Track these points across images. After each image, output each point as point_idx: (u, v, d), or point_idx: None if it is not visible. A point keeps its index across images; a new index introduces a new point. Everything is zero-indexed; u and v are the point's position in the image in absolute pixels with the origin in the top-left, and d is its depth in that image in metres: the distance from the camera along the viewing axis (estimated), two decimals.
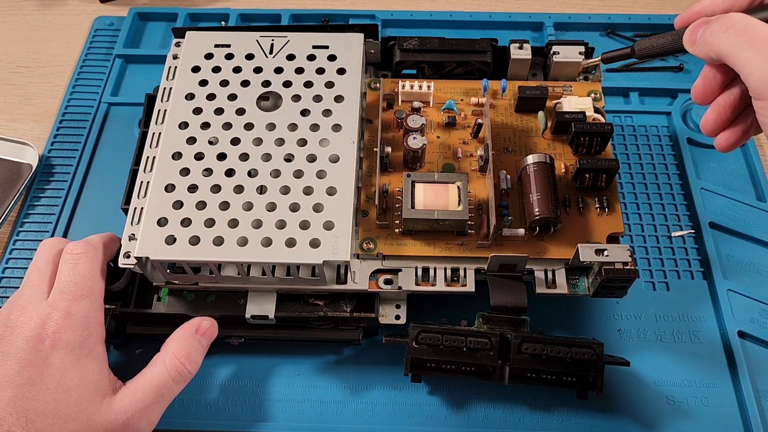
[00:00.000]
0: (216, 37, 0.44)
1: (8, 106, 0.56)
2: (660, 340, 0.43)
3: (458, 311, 0.39)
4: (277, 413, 0.41)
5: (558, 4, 0.62)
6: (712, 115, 0.34)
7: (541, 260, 0.38)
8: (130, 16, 0.59)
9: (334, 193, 0.37)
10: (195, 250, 0.35)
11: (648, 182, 0.50)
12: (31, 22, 0.61)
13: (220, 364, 0.42)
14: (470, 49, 0.44)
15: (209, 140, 0.39)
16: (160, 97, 0.42)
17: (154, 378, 0.36)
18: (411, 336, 0.36)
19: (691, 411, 0.41)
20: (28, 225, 0.49)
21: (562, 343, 0.36)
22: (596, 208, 0.39)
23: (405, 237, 0.39)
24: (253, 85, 0.41)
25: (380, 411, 0.41)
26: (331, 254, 0.35)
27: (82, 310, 0.35)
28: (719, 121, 0.34)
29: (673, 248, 0.47)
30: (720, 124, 0.34)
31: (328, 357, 0.43)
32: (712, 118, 0.34)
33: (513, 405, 0.41)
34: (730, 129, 0.34)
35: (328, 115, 0.40)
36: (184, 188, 0.38)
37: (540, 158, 0.39)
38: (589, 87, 0.44)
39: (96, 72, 0.56)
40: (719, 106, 0.34)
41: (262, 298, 0.39)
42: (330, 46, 0.43)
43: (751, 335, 0.43)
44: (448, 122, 0.43)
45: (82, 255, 0.37)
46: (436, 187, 0.38)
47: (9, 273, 0.47)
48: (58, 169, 0.51)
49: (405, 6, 0.61)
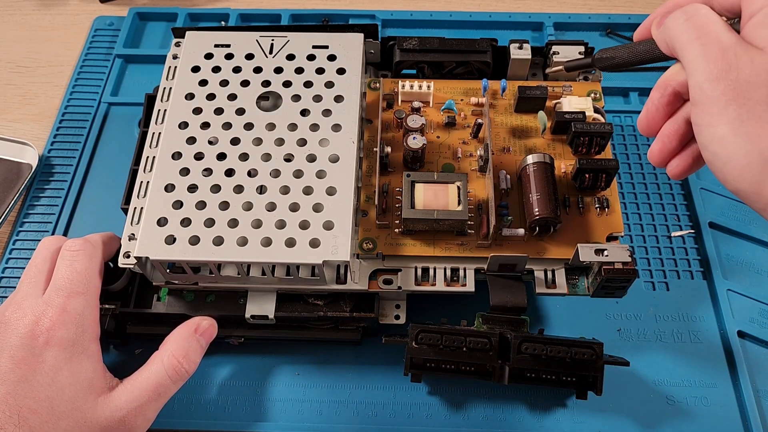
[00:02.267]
0: (216, 37, 0.44)
1: (8, 106, 0.56)
2: (660, 340, 0.43)
3: (458, 311, 0.39)
4: (277, 413, 0.41)
5: (558, 4, 0.62)
6: (657, 145, 0.32)
7: (541, 260, 0.38)
8: (130, 16, 0.59)
9: (333, 193, 0.37)
10: (195, 250, 0.35)
11: (648, 182, 0.50)
12: (31, 22, 0.61)
13: (219, 364, 0.42)
14: (470, 49, 0.44)
15: (209, 140, 0.39)
16: (160, 97, 0.42)
17: (151, 376, 0.36)
18: (411, 336, 0.36)
19: (691, 411, 0.41)
20: (28, 225, 0.49)
21: (561, 343, 0.36)
22: (596, 208, 0.39)
23: (405, 237, 0.39)
24: (252, 85, 0.41)
25: (380, 411, 0.41)
26: (330, 254, 0.35)
27: (76, 308, 0.35)
28: (665, 151, 0.32)
29: (672, 248, 0.47)
30: (666, 154, 0.32)
31: (328, 357, 0.43)
32: (657, 148, 0.32)
33: (513, 405, 0.41)
34: (680, 156, 0.32)
35: (327, 115, 0.40)
36: (184, 188, 0.38)
37: (540, 158, 0.39)
38: (589, 87, 0.44)
39: (96, 72, 0.56)
40: (664, 136, 0.32)
41: (261, 298, 0.39)
42: (330, 46, 0.43)
43: (750, 335, 0.43)
44: (448, 122, 0.43)
45: (79, 252, 0.37)
46: (436, 187, 0.38)
47: (9, 273, 0.47)
48: (58, 169, 0.51)
49: (405, 6, 0.61)
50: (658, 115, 0.31)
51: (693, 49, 0.27)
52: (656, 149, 0.32)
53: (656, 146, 0.32)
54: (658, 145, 0.32)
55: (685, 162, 0.32)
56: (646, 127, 0.32)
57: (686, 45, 0.28)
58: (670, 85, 0.31)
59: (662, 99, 0.31)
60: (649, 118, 0.32)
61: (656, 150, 0.32)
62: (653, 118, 0.32)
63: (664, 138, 0.32)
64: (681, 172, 0.32)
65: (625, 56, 0.34)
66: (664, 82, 0.31)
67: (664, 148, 0.32)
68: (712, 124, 0.27)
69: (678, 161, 0.32)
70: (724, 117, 0.26)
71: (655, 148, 0.32)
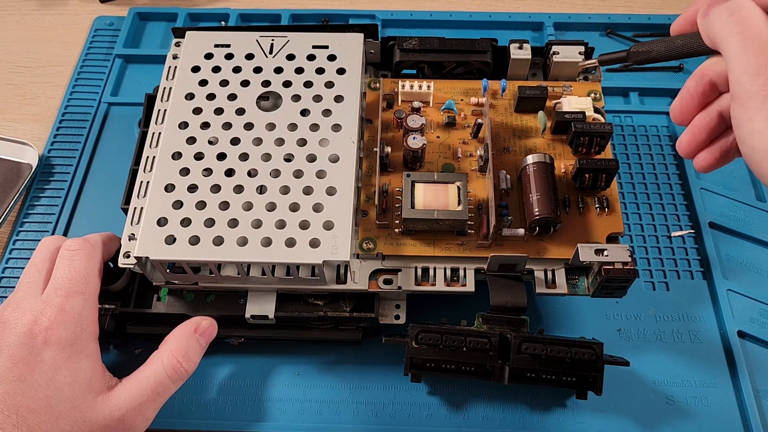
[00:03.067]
0: (216, 37, 0.44)
1: (8, 106, 0.56)
2: (660, 340, 0.43)
3: (458, 311, 0.39)
4: (277, 413, 0.41)
5: (558, 4, 0.62)
6: (687, 136, 0.32)
7: (541, 260, 0.38)
8: (130, 16, 0.59)
9: (333, 193, 0.37)
10: (195, 250, 0.35)
11: (648, 182, 0.50)
12: (31, 22, 0.61)
13: (219, 364, 0.42)
14: (470, 49, 0.44)
15: (209, 140, 0.39)
16: (160, 97, 0.42)
17: (150, 376, 0.36)
18: (411, 336, 0.36)
19: (691, 411, 0.41)
20: (28, 225, 0.49)
21: (561, 343, 0.36)
22: (596, 208, 0.39)
23: (405, 237, 0.39)
24: (252, 85, 0.41)
25: (380, 411, 0.41)
26: (330, 254, 0.35)
27: (75, 307, 0.35)
28: (693, 143, 0.32)
29: (672, 248, 0.47)
30: (695, 146, 0.32)
31: (328, 357, 0.43)
32: (686, 139, 0.32)
33: (513, 405, 0.41)
34: (708, 149, 0.32)
35: (327, 115, 0.40)
36: (184, 188, 0.38)
37: (540, 158, 0.39)
38: (589, 87, 0.44)
39: (96, 72, 0.56)
40: (694, 127, 0.32)
41: (261, 298, 0.39)
42: (330, 46, 0.43)
43: (750, 335, 0.43)
44: (448, 122, 0.43)
45: (78, 252, 0.37)
46: (436, 187, 0.38)
47: (9, 273, 0.47)
48: (58, 169, 0.51)
49: (405, 6, 0.61)
50: (692, 103, 0.32)
51: (734, 43, 0.28)
52: (685, 140, 0.32)
53: (686, 137, 0.32)
54: (688, 136, 0.32)
55: (712, 156, 0.32)
56: (680, 114, 0.32)
57: (728, 39, 0.28)
58: (707, 74, 0.31)
59: (698, 87, 0.31)
60: (683, 105, 0.32)
61: (685, 141, 0.32)
62: (687, 106, 0.32)
63: (695, 129, 0.32)
64: (707, 166, 0.33)
65: (662, 50, 0.34)
66: (701, 72, 0.31)
67: (693, 140, 0.32)
68: (750, 119, 0.27)
69: (706, 154, 0.32)
70: (763, 112, 0.27)
71: (684, 139, 0.33)
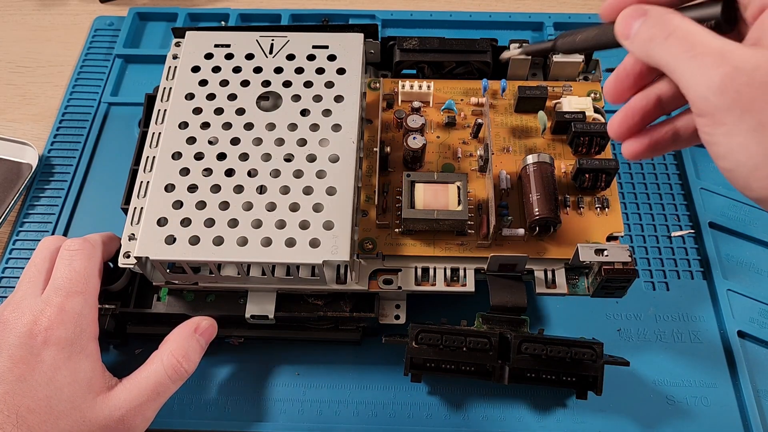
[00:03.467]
0: (216, 37, 0.44)
1: (8, 106, 0.56)
2: (660, 340, 0.43)
3: (458, 311, 0.39)
4: (277, 413, 0.41)
5: (558, 4, 0.62)
6: (619, 116, 0.29)
7: (541, 260, 0.38)
8: (130, 16, 0.59)
9: (333, 193, 0.37)
10: (195, 250, 0.35)
11: (648, 182, 0.50)
12: (31, 22, 0.61)
13: (220, 364, 0.42)
14: (470, 49, 0.44)
15: (209, 140, 0.39)
16: (160, 97, 0.42)
17: (150, 375, 0.36)
18: (411, 336, 0.36)
19: (691, 411, 0.41)
20: (28, 225, 0.49)
21: (561, 343, 0.36)
22: (596, 209, 0.39)
23: (405, 237, 0.39)
24: (252, 85, 0.41)
25: (380, 411, 0.41)
26: (330, 254, 0.35)
27: (75, 307, 0.35)
28: (624, 126, 0.29)
29: (672, 248, 0.47)
30: (626, 129, 0.29)
31: (328, 357, 0.42)
32: (617, 120, 0.29)
33: (513, 405, 0.41)
34: (638, 138, 0.29)
35: (327, 115, 0.40)
36: (184, 188, 0.38)
37: (540, 158, 0.39)
38: (589, 87, 0.44)
39: (96, 72, 0.56)
40: (629, 108, 0.29)
41: (261, 298, 0.39)
42: (330, 46, 0.43)
43: (750, 335, 0.43)
44: (448, 122, 0.43)
45: (78, 251, 0.37)
46: (436, 187, 0.38)
47: (9, 273, 0.47)
48: (58, 169, 0.51)
49: (405, 6, 0.61)
50: (627, 81, 0.29)
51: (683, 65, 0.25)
52: (616, 121, 0.30)
53: (617, 117, 0.30)
54: (620, 117, 0.30)
55: (641, 145, 0.30)
56: (613, 90, 0.30)
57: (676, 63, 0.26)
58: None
59: (636, 66, 0.29)
60: (618, 82, 0.29)
61: (616, 122, 0.30)
62: (622, 83, 0.29)
63: (628, 111, 0.29)
64: (634, 155, 0.30)
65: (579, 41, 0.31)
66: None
67: (624, 123, 0.29)
68: (729, 134, 0.25)
69: (634, 143, 0.30)
70: (742, 125, 0.24)
71: (615, 120, 0.30)
